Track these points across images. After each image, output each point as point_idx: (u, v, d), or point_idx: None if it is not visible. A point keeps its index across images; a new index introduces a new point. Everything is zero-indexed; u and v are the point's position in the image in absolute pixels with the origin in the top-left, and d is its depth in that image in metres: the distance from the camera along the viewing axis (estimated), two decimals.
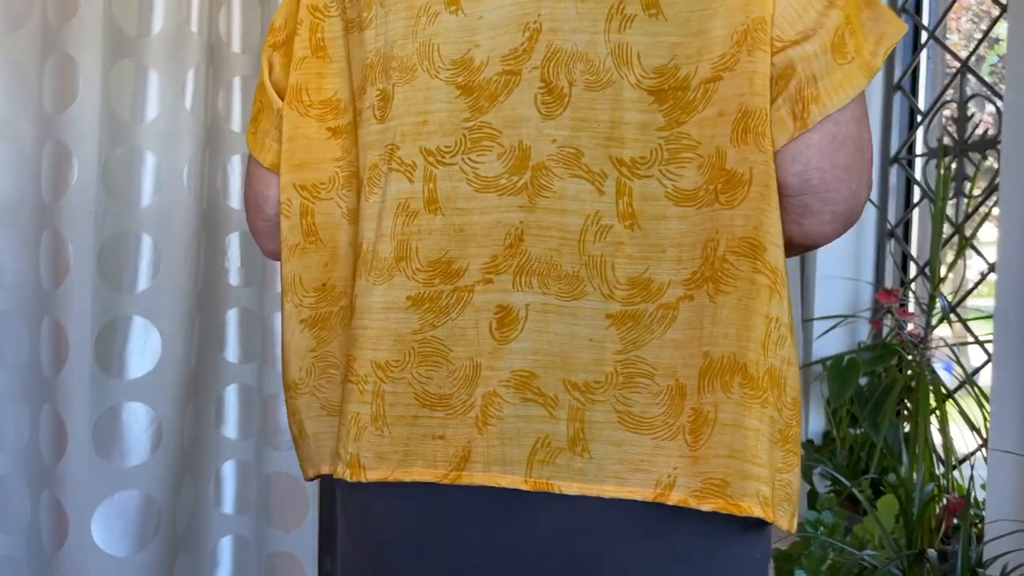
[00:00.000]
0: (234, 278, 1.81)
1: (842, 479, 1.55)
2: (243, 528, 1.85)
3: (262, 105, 0.84)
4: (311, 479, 0.84)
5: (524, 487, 0.70)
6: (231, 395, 1.83)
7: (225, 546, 1.85)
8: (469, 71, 0.72)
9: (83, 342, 1.60)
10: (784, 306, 0.69)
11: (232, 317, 1.81)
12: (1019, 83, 1.39)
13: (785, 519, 0.69)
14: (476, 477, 0.71)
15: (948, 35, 1.89)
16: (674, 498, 0.69)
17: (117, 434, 1.65)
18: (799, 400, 0.71)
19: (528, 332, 0.71)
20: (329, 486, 0.86)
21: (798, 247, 0.75)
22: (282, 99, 0.82)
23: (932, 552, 1.33)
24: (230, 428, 1.83)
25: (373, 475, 0.74)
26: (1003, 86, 1.57)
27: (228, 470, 1.84)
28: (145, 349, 1.67)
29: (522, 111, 0.71)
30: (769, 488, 0.68)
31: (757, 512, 0.67)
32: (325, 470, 0.82)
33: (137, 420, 1.66)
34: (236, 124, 1.79)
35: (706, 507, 0.68)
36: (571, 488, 0.70)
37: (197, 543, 1.82)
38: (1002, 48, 1.81)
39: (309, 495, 1.82)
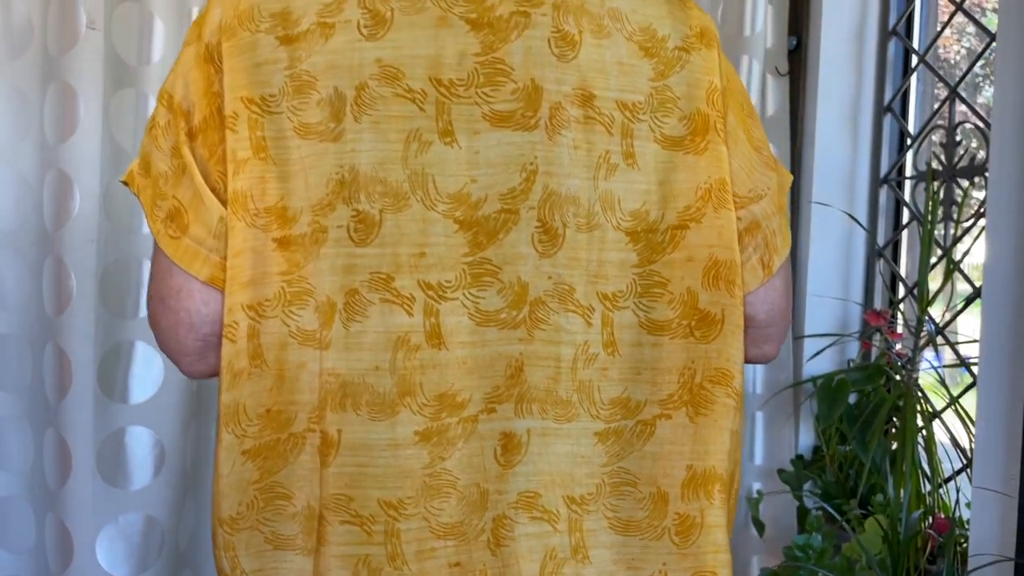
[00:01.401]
0: None
1: (832, 511, 1.59)
2: None
3: (181, 204, 0.74)
4: None
5: None
6: None
7: None
8: (467, 206, 0.74)
9: (86, 367, 1.63)
10: (741, 419, 0.82)
11: None
12: (1007, 112, 1.42)
13: None
14: None
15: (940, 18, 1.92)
16: None
17: (121, 458, 1.68)
18: None
19: (531, 455, 0.76)
20: None
21: (750, 363, 0.87)
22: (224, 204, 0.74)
23: None
24: None
25: None
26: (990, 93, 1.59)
27: None
28: (147, 373, 1.69)
29: (520, 249, 0.75)
30: (731, 568, 0.81)
31: None
32: None
33: (140, 443, 1.69)
34: None
35: None
36: None
37: (199, 559, 1.85)
38: None
39: None
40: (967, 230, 1.76)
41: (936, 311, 1.81)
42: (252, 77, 0.73)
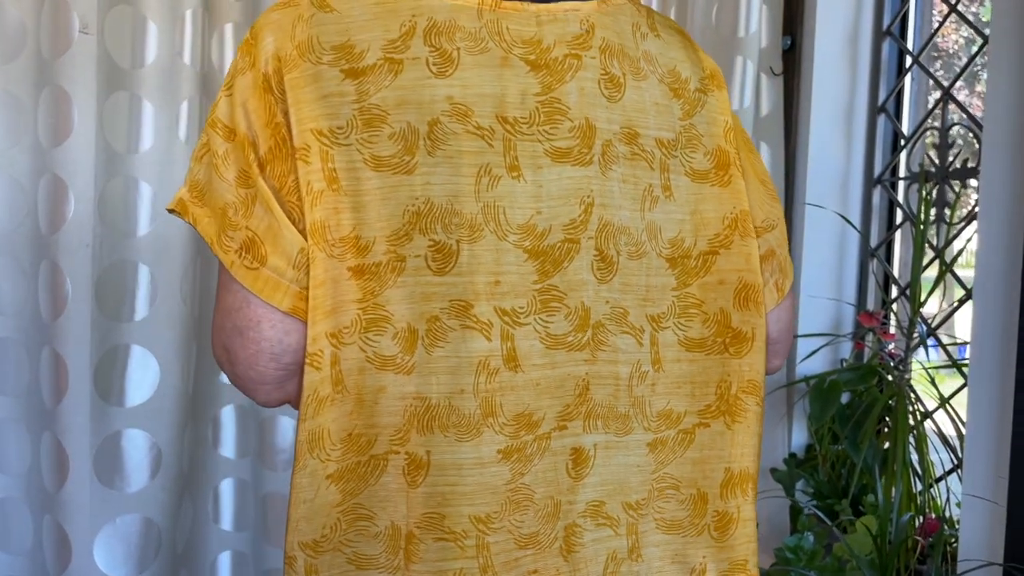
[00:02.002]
0: None
1: (822, 516, 1.60)
2: (241, 544, 1.90)
3: (256, 235, 0.75)
4: None
5: None
6: (228, 415, 1.87)
7: (224, 561, 1.90)
8: (534, 236, 0.78)
9: (82, 372, 1.64)
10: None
11: None
12: (998, 115, 1.42)
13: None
14: None
15: (934, 14, 1.92)
16: None
17: (117, 461, 1.69)
18: None
19: (596, 467, 0.82)
20: None
21: None
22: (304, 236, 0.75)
23: None
24: (227, 448, 1.87)
25: None
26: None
27: (226, 488, 1.88)
28: (143, 377, 1.70)
29: (582, 276, 0.80)
30: (757, 556, 0.90)
31: (756, 575, 0.89)
32: None
33: (137, 446, 1.70)
34: None
35: None
36: None
37: (197, 559, 1.87)
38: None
39: None
40: (959, 231, 1.77)
41: (933, 309, 1.82)
42: (319, 109, 0.74)
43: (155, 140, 1.69)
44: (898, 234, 1.98)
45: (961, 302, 1.76)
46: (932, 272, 1.80)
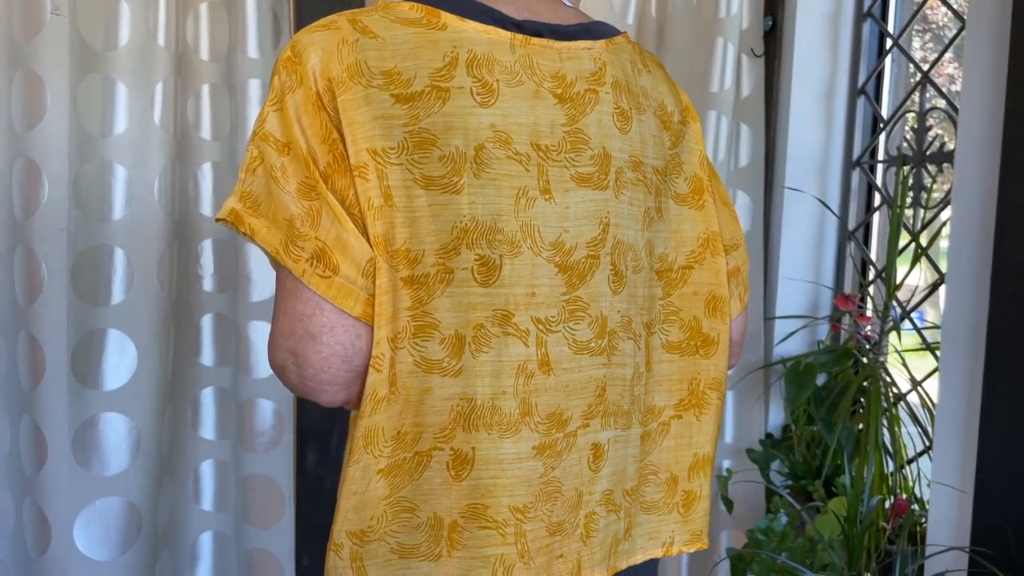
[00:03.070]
0: (208, 284, 1.83)
1: (792, 501, 1.62)
2: (222, 524, 1.92)
3: (326, 245, 0.79)
4: None
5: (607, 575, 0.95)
6: (207, 398, 1.87)
7: (205, 541, 1.91)
8: (562, 253, 0.86)
9: (59, 356, 1.63)
10: None
11: (207, 323, 1.84)
12: (974, 99, 1.43)
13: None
14: None
15: None
16: (674, 551, 1.00)
17: (96, 444, 1.70)
18: None
19: (609, 460, 0.92)
20: None
21: None
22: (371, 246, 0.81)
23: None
24: (207, 429, 1.88)
25: None
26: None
27: (206, 469, 1.89)
28: (121, 361, 1.70)
29: (601, 288, 0.88)
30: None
31: (706, 543, 1.02)
32: None
33: (115, 430, 1.70)
34: (206, 132, 1.80)
35: (693, 549, 1.01)
36: (623, 565, 0.96)
37: (178, 540, 1.88)
38: None
39: (285, 495, 1.88)
40: (936, 215, 1.78)
41: (909, 293, 1.83)
42: (373, 130, 0.80)
43: (129, 123, 1.68)
44: (876, 217, 1.99)
45: (935, 285, 1.77)
46: (910, 254, 1.81)
